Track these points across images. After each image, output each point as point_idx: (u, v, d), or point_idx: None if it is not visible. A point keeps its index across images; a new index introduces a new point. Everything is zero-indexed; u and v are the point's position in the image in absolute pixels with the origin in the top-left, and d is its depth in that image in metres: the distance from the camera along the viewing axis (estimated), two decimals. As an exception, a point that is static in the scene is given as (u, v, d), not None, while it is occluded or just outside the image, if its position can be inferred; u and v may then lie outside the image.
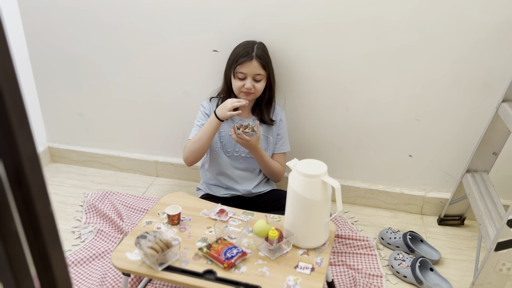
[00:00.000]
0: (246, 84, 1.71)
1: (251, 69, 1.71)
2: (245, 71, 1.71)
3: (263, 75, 1.73)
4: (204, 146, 1.72)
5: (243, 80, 1.72)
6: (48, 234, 0.62)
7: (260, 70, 1.72)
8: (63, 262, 0.65)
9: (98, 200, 2.05)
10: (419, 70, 1.81)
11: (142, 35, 2.00)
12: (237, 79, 1.73)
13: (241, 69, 1.71)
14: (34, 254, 0.62)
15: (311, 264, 1.33)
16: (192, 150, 1.73)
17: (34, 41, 2.15)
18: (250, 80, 1.71)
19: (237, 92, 1.75)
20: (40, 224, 0.60)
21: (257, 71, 1.71)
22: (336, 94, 1.93)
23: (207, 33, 1.92)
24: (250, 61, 1.70)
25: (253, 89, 1.72)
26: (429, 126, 1.91)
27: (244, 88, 1.71)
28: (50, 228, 0.62)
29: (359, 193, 2.09)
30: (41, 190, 0.59)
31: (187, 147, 1.75)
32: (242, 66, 1.71)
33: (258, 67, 1.71)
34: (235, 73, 1.73)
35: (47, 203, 0.61)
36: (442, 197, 2.01)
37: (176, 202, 1.61)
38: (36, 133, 2.35)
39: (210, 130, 1.70)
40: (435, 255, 1.75)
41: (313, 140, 2.05)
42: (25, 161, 0.55)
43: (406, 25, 1.73)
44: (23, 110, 0.56)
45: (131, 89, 2.15)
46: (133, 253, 1.37)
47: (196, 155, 1.74)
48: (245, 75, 1.71)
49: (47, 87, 2.26)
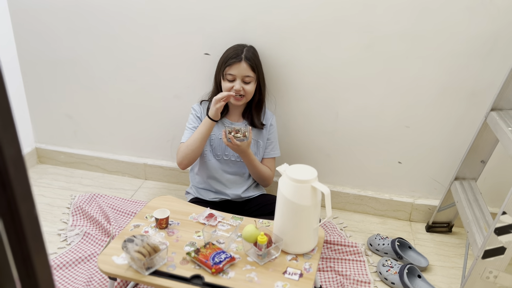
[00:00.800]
0: (235, 86, 1.70)
1: (240, 71, 1.70)
2: (234, 73, 1.70)
3: (252, 77, 1.73)
4: (198, 149, 1.71)
5: (232, 82, 1.72)
6: (32, 237, 0.61)
7: (249, 72, 1.71)
8: (47, 266, 0.64)
9: (85, 203, 2.03)
10: (408, 78, 1.82)
11: (132, 37, 1.99)
12: (226, 81, 1.73)
13: (230, 70, 1.70)
14: (17, 258, 0.60)
15: (300, 270, 1.33)
16: (187, 153, 1.72)
17: (23, 41, 2.13)
18: (239, 82, 1.71)
19: None
20: (23, 228, 0.59)
21: (246, 73, 1.71)
22: (326, 100, 1.93)
23: (198, 36, 1.92)
24: (239, 63, 1.70)
25: (242, 91, 1.72)
26: (419, 133, 1.92)
27: (233, 90, 1.71)
28: (34, 231, 0.61)
29: (349, 199, 2.09)
30: (25, 192, 0.58)
31: (181, 151, 1.74)
32: (231, 68, 1.70)
33: (247, 68, 1.71)
34: (224, 75, 1.73)
35: (31, 206, 0.60)
36: (431, 204, 2.02)
37: (165, 206, 1.60)
38: (24, 133, 2.31)
39: (203, 131, 1.69)
40: (423, 262, 1.76)
41: (303, 146, 2.05)
42: (9, 163, 0.54)
43: (396, 34, 1.74)
44: (8, 111, 0.55)
45: (121, 91, 2.13)
46: (120, 257, 1.35)
47: (190, 158, 1.73)
48: (234, 76, 1.71)
49: (36, 87, 2.23)
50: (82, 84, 2.16)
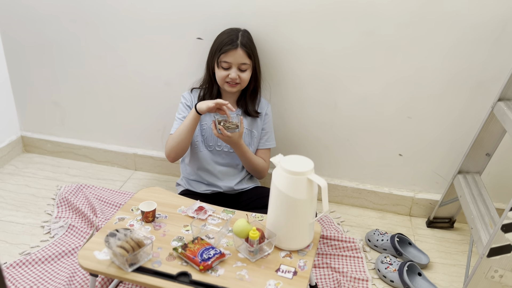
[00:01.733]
0: (231, 74, 1.61)
1: (236, 58, 1.61)
2: (230, 60, 1.61)
3: (248, 65, 1.64)
4: (185, 142, 1.62)
5: (228, 70, 1.62)
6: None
7: (246, 59, 1.62)
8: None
9: (71, 194, 1.94)
10: (411, 67, 1.73)
11: (121, 20, 1.89)
12: (221, 68, 1.63)
13: (226, 58, 1.61)
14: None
15: (294, 268, 1.24)
16: (173, 146, 1.64)
17: (7, 24, 2.02)
18: (235, 69, 1.62)
19: (221, 83, 1.66)
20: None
21: (242, 60, 1.62)
22: (324, 89, 1.84)
23: (190, 20, 1.82)
24: (235, 50, 1.60)
25: (238, 79, 1.63)
26: (421, 124, 1.83)
27: (229, 78, 1.62)
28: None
29: (346, 192, 2.01)
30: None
31: (168, 143, 1.66)
32: (226, 55, 1.61)
33: (243, 56, 1.61)
34: (219, 63, 1.63)
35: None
36: (432, 198, 1.94)
37: (152, 198, 1.51)
38: (9, 121, 2.22)
39: (189, 124, 1.60)
40: (423, 259, 1.68)
41: (300, 136, 1.96)
42: None
43: (399, 20, 1.65)
44: None
45: (110, 78, 2.03)
46: (102, 252, 1.26)
47: (178, 151, 1.65)
48: (229, 64, 1.62)
49: (21, 73, 2.13)
50: (69, 70, 2.06)
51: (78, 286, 1.48)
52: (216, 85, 1.71)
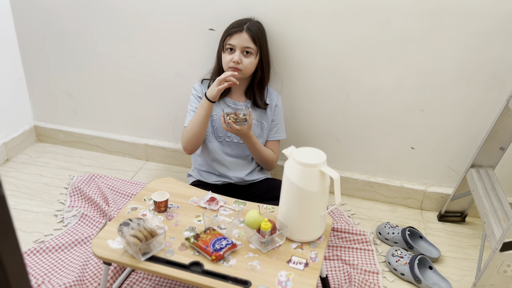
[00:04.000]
0: (234, 57, 1.61)
1: (240, 41, 1.61)
2: (234, 43, 1.61)
3: (253, 49, 1.63)
4: (200, 132, 1.63)
5: (232, 53, 1.62)
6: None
7: (250, 43, 1.62)
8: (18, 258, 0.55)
9: (84, 183, 1.95)
10: (425, 59, 1.71)
11: (134, 10, 1.89)
12: (226, 52, 1.64)
13: (230, 40, 1.62)
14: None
15: (305, 259, 1.25)
16: (189, 138, 1.65)
17: (21, 15, 2.03)
18: (239, 53, 1.61)
19: (226, 68, 1.66)
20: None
21: (246, 44, 1.61)
22: (336, 81, 1.83)
23: (203, 11, 1.81)
24: (240, 33, 1.61)
25: (241, 64, 1.61)
26: (434, 117, 1.81)
27: (232, 62, 1.61)
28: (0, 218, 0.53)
29: (357, 185, 2.01)
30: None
31: (184, 135, 1.67)
32: (231, 37, 1.62)
33: (247, 39, 1.61)
34: (224, 46, 1.64)
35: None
36: (444, 192, 1.92)
37: (164, 188, 1.52)
38: (22, 111, 2.24)
39: (202, 114, 1.60)
40: (434, 253, 1.67)
41: (311, 128, 1.95)
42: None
43: (413, 10, 1.63)
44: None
45: (122, 69, 2.04)
46: (115, 241, 1.28)
47: (194, 143, 1.66)
48: (234, 47, 1.62)
49: (35, 63, 2.15)
50: (81, 60, 2.07)
51: (91, 274, 1.50)
52: None
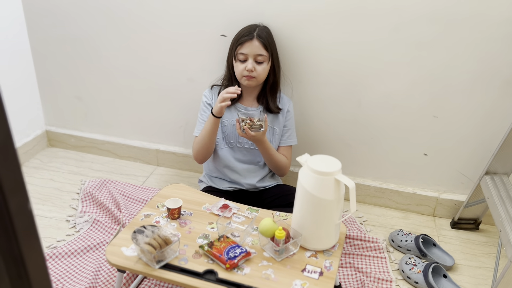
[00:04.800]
0: (247, 66, 1.61)
1: (252, 49, 1.61)
2: (246, 52, 1.61)
3: (265, 56, 1.63)
4: (209, 145, 1.65)
5: (244, 62, 1.62)
6: (24, 235, 0.53)
7: (262, 51, 1.62)
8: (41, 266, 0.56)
9: (95, 188, 1.96)
10: (438, 65, 1.70)
11: (145, 16, 1.89)
12: (238, 62, 1.64)
13: (242, 49, 1.61)
14: (6, 258, 0.52)
15: (320, 268, 1.24)
16: (199, 149, 1.67)
17: (33, 21, 2.05)
18: (252, 61, 1.61)
19: (239, 77, 1.65)
20: (14, 224, 0.51)
21: (258, 51, 1.61)
22: (348, 87, 1.82)
23: (214, 17, 1.81)
24: (251, 41, 1.61)
25: (254, 72, 1.62)
26: (447, 124, 1.80)
27: (245, 71, 1.61)
28: (26, 228, 0.53)
29: (369, 191, 1.99)
30: (16, 184, 0.50)
31: (194, 146, 1.70)
32: (242, 46, 1.61)
33: (259, 46, 1.61)
34: (236, 55, 1.64)
35: (23, 199, 0.51)
36: (457, 199, 1.91)
37: (177, 195, 1.52)
38: (34, 116, 2.25)
39: (210, 128, 1.61)
40: (448, 261, 1.66)
41: (322, 134, 1.94)
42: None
43: (426, 17, 1.62)
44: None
45: (133, 74, 2.05)
46: (129, 248, 1.28)
47: (204, 154, 1.68)
48: (246, 56, 1.62)
49: (46, 68, 2.16)
50: (93, 65, 2.08)
51: (103, 280, 1.50)
52: (236, 81, 1.71)
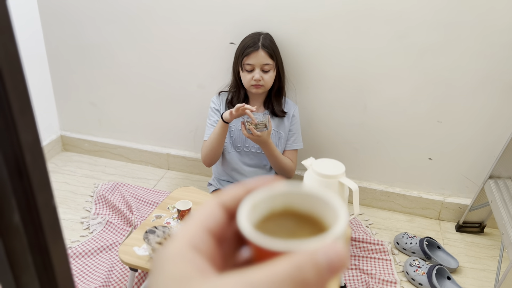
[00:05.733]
0: (254, 76, 1.66)
1: (258, 59, 1.66)
2: (253, 62, 1.66)
3: (271, 65, 1.68)
4: (217, 149, 1.70)
5: (252, 72, 1.68)
6: (49, 229, 0.58)
7: (268, 60, 1.67)
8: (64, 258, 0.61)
9: (108, 191, 2.02)
10: (443, 70, 1.73)
11: (157, 25, 1.96)
12: (245, 72, 1.69)
13: (248, 60, 1.66)
14: (34, 249, 0.58)
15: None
16: (207, 153, 1.72)
17: (50, 27, 2.13)
18: (259, 71, 1.67)
19: (247, 86, 1.71)
20: (41, 219, 0.56)
21: (264, 61, 1.66)
22: (354, 92, 1.87)
23: (223, 25, 1.87)
24: (257, 51, 1.65)
25: (262, 80, 1.67)
26: (451, 128, 1.83)
27: (253, 80, 1.67)
28: (51, 222, 0.58)
29: (375, 195, 2.03)
30: (43, 182, 0.55)
31: (203, 149, 1.75)
32: (249, 57, 1.66)
33: (265, 56, 1.66)
34: (243, 66, 1.69)
35: (49, 196, 0.57)
36: (462, 202, 1.93)
37: (187, 197, 1.57)
38: (50, 121, 2.33)
39: (218, 132, 1.66)
40: (452, 263, 1.68)
41: (328, 138, 1.99)
42: (25, 150, 0.51)
43: (431, 23, 1.66)
44: (26, 94, 0.52)
45: (145, 80, 2.11)
46: (141, 248, 1.33)
47: (212, 157, 1.73)
48: (252, 66, 1.67)
49: (61, 74, 2.24)
50: (106, 72, 2.15)
51: (116, 280, 1.56)
52: (243, 88, 1.76)
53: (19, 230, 0.56)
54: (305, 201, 0.30)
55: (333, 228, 0.26)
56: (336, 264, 0.24)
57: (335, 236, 0.25)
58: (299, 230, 0.29)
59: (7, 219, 0.53)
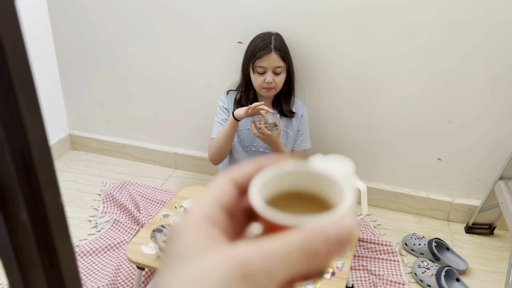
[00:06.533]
0: (266, 78, 1.65)
1: (270, 62, 1.64)
2: (265, 65, 1.65)
3: (283, 67, 1.67)
4: (225, 146, 1.69)
5: (263, 74, 1.66)
6: (57, 227, 0.58)
7: (280, 62, 1.66)
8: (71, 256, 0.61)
9: (116, 190, 2.03)
10: (452, 70, 1.72)
11: (165, 24, 1.96)
12: (256, 74, 1.67)
13: (261, 63, 1.64)
14: (41, 247, 0.58)
15: (332, 269, 1.27)
16: (215, 151, 1.71)
17: (59, 26, 2.14)
18: (270, 73, 1.65)
19: (258, 89, 1.70)
20: (48, 217, 0.56)
21: (277, 64, 1.65)
22: (362, 92, 1.85)
23: (232, 24, 1.87)
24: (269, 54, 1.64)
25: (273, 83, 1.66)
26: (461, 129, 1.81)
27: (265, 83, 1.65)
28: (59, 221, 0.58)
29: (383, 195, 2.01)
30: (50, 180, 0.55)
31: (210, 147, 1.73)
32: (261, 60, 1.64)
33: (277, 59, 1.65)
34: (254, 68, 1.67)
35: (56, 194, 0.57)
36: (471, 204, 1.91)
37: (194, 196, 1.57)
38: (58, 120, 2.34)
39: (229, 130, 1.65)
40: (461, 265, 1.67)
41: (336, 139, 1.98)
42: (33, 148, 0.51)
43: (440, 23, 1.64)
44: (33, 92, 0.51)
45: (153, 79, 2.12)
46: (148, 247, 1.33)
47: (219, 155, 1.72)
48: (264, 69, 1.65)
49: (70, 73, 2.25)
50: (115, 71, 2.16)
51: (123, 278, 1.56)
52: (253, 89, 1.75)
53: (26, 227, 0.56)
54: (313, 180, 0.31)
55: (341, 205, 0.28)
56: (344, 237, 0.26)
57: (343, 213, 0.27)
58: (307, 207, 0.31)
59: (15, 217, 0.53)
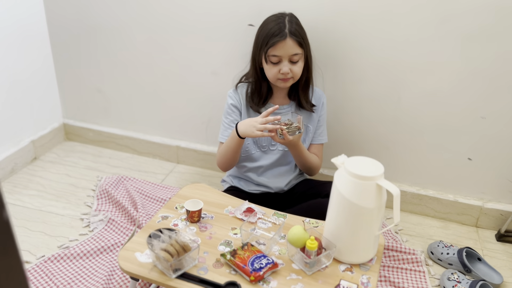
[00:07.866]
0: (282, 69, 1.43)
1: (286, 50, 1.42)
2: (280, 54, 1.42)
3: (300, 54, 1.45)
4: (232, 159, 1.52)
5: (278, 64, 1.44)
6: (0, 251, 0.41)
7: (297, 49, 1.43)
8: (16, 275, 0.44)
9: (111, 185, 1.86)
10: (489, 60, 1.53)
11: (169, 6, 1.78)
12: (270, 64, 1.45)
13: (274, 51, 1.42)
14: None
15: (356, 285, 1.09)
16: (221, 160, 1.54)
17: (53, 10, 1.96)
18: (287, 63, 1.43)
19: (274, 80, 1.48)
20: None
21: (293, 51, 1.43)
22: (386, 84, 1.67)
23: (240, 6, 1.68)
24: (284, 40, 1.41)
25: (290, 73, 1.45)
26: (495, 126, 1.63)
27: (280, 74, 1.44)
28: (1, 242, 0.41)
29: (405, 197, 1.83)
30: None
31: (218, 154, 1.56)
32: (275, 48, 1.42)
33: (294, 45, 1.42)
34: (267, 57, 1.44)
35: None
36: (504, 209, 1.73)
37: (197, 196, 1.40)
38: (52, 107, 2.17)
39: (233, 147, 1.47)
40: (496, 278, 1.48)
41: (357, 134, 1.79)
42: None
43: (477, 6, 1.45)
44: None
45: (155, 66, 1.94)
46: (144, 254, 1.16)
47: (228, 165, 1.56)
48: (279, 58, 1.43)
49: (65, 58, 2.07)
50: (114, 57, 1.98)
51: (116, 285, 1.39)
52: (265, 81, 1.54)
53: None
54: None
55: None
56: None
57: None
58: None
59: None
